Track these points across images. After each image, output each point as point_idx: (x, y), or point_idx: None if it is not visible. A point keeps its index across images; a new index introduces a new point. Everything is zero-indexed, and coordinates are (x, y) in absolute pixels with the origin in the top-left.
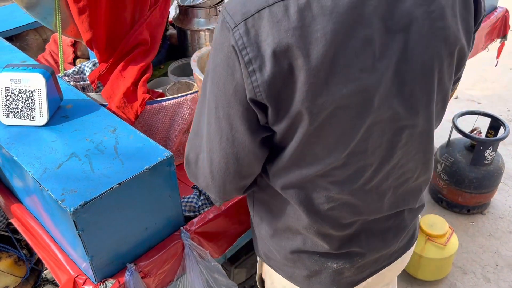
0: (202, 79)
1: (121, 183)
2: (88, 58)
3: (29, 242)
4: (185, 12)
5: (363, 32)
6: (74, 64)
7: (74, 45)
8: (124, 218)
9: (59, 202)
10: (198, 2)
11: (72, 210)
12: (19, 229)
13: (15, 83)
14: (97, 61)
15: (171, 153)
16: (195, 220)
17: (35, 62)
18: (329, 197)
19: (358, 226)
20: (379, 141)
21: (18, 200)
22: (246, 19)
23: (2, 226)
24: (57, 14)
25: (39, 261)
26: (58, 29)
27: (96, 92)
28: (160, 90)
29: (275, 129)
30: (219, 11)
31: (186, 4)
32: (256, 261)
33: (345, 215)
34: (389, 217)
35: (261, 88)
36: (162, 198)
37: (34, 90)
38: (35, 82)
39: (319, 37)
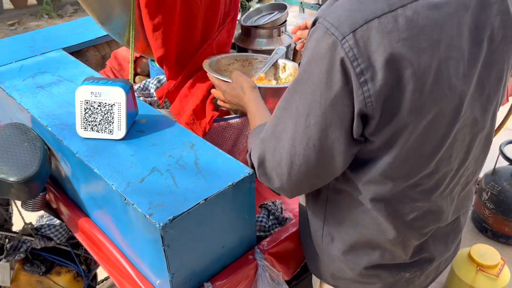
0: (214, 76)
1: (206, 198)
2: (148, 75)
3: (96, 257)
4: (248, 32)
5: (458, 42)
6: (134, 81)
7: (135, 62)
8: (204, 235)
9: (147, 216)
10: (260, 22)
11: (161, 224)
12: (85, 244)
13: (95, 96)
14: (161, 77)
15: (252, 171)
16: (266, 240)
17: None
18: (414, 206)
19: (430, 233)
20: (461, 147)
21: (85, 214)
22: (354, 30)
23: (62, 240)
24: (130, 30)
25: (93, 277)
26: (131, 45)
27: (163, 108)
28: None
29: (373, 139)
30: (282, 32)
31: (248, 24)
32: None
33: (427, 224)
34: (451, 221)
35: (372, 98)
36: (240, 216)
37: (113, 104)
38: (115, 96)
39: (426, 47)
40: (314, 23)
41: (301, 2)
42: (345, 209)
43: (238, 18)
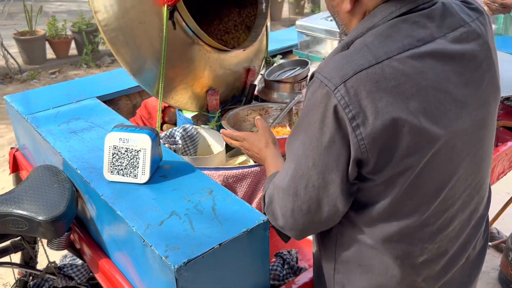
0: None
1: (221, 243)
2: (175, 124)
3: None
4: (270, 85)
5: (446, 86)
6: (161, 129)
7: (163, 111)
8: (218, 279)
9: (163, 258)
10: (283, 77)
11: (176, 267)
12: (104, 285)
13: (123, 142)
14: (187, 126)
15: (267, 217)
16: None
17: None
18: (423, 248)
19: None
20: (464, 184)
21: (106, 255)
22: (345, 81)
23: (83, 280)
24: (160, 82)
25: None
26: (159, 96)
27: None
28: (240, 158)
29: (374, 178)
30: (303, 86)
31: (271, 78)
32: None
33: (437, 266)
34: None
35: (365, 140)
36: (254, 263)
37: (139, 150)
38: (142, 142)
39: (414, 93)
40: (311, 77)
41: (323, 58)
42: (354, 255)
43: (262, 72)
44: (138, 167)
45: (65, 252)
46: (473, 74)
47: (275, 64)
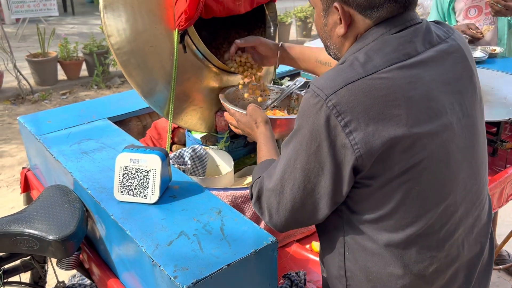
0: (229, 106)
1: (229, 264)
2: (184, 145)
3: None
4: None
5: (435, 95)
6: (170, 149)
7: (173, 132)
8: None
9: (172, 278)
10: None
11: (184, 287)
12: None
13: (133, 162)
14: (196, 147)
15: (276, 238)
16: None
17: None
18: (433, 256)
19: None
20: (464, 193)
21: (115, 275)
22: (336, 91)
23: None
24: (170, 103)
25: None
26: (169, 117)
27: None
28: (248, 178)
29: (369, 184)
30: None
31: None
32: None
33: (446, 275)
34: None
35: (359, 145)
36: (262, 284)
37: (150, 170)
38: (152, 162)
39: (405, 101)
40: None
41: None
42: (363, 267)
43: None
44: (148, 187)
45: (74, 272)
46: (456, 84)
47: (283, 86)
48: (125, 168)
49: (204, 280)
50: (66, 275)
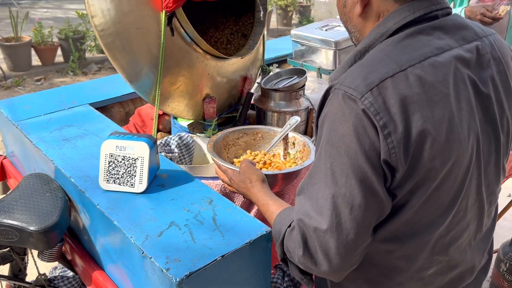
0: (220, 162)
1: (224, 255)
2: (169, 132)
3: None
4: (267, 94)
5: (466, 96)
6: (155, 137)
7: (158, 119)
8: None
9: (164, 270)
10: (280, 86)
11: (177, 280)
12: None
13: (120, 150)
14: (182, 134)
15: (270, 228)
16: None
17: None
18: (434, 260)
19: None
20: (474, 198)
21: (99, 266)
22: (371, 89)
23: None
24: (157, 89)
25: None
26: (156, 103)
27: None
28: None
29: (395, 193)
30: (300, 95)
31: (268, 87)
32: None
33: (445, 278)
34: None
35: (396, 149)
36: (256, 275)
37: (137, 158)
38: (140, 150)
39: (438, 101)
40: (328, 91)
41: (319, 68)
42: (363, 272)
43: (258, 81)
44: (135, 176)
45: (55, 263)
46: (487, 84)
47: (271, 73)
48: (111, 156)
49: (197, 272)
50: (47, 267)
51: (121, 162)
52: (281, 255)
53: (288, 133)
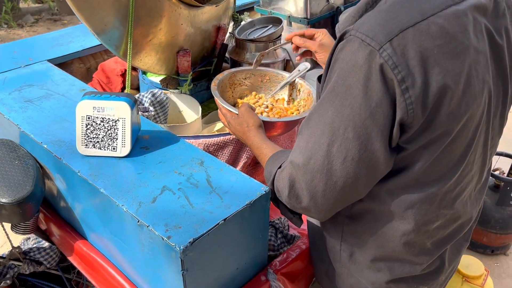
0: (221, 103)
1: (226, 219)
2: (137, 89)
3: (94, 281)
4: (242, 45)
5: (482, 47)
6: None
7: (123, 74)
8: (220, 257)
9: (165, 239)
10: (255, 36)
11: (181, 248)
12: (80, 268)
13: (97, 111)
14: (155, 91)
15: (269, 188)
16: (278, 260)
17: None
18: (440, 213)
19: (451, 244)
20: (480, 150)
21: (82, 236)
22: (391, 40)
23: (53, 264)
24: (128, 42)
25: None
26: (128, 58)
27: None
28: (218, 125)
29: (407, 147)
30: (278, 46)
31: (242, 37)
32: None
33: (446, 230)
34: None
35: (414, 105)
36: (255, 236)
37: (118, 119)
38: (120, 111)
39: (459, 53)
40: (341, 38)
41: (289, 16)
42: (366, 224)
43: (231, 31)
44: (117, 139)
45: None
46: (501, 34)
47: (243, 22)
48: (88, 118)
49: (201, 238)
50: (17, 239)
51: (100, 124)
52: (276, 192)
53: (295, 79)
